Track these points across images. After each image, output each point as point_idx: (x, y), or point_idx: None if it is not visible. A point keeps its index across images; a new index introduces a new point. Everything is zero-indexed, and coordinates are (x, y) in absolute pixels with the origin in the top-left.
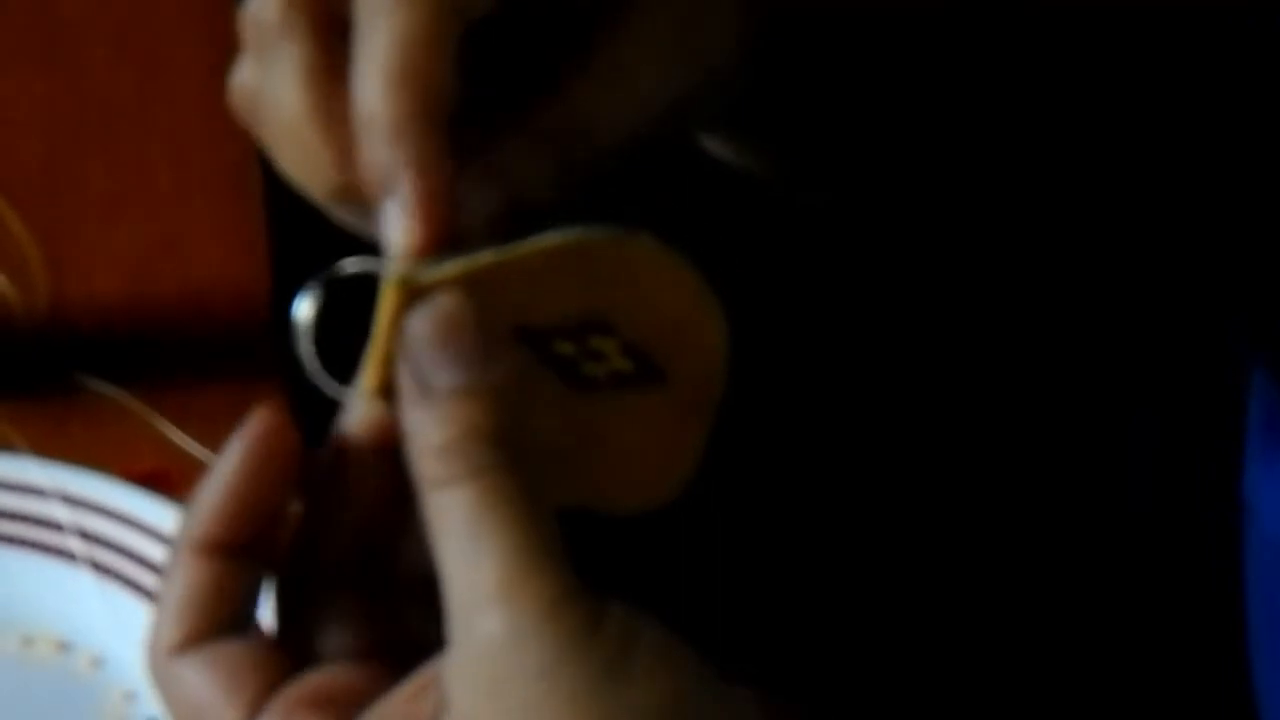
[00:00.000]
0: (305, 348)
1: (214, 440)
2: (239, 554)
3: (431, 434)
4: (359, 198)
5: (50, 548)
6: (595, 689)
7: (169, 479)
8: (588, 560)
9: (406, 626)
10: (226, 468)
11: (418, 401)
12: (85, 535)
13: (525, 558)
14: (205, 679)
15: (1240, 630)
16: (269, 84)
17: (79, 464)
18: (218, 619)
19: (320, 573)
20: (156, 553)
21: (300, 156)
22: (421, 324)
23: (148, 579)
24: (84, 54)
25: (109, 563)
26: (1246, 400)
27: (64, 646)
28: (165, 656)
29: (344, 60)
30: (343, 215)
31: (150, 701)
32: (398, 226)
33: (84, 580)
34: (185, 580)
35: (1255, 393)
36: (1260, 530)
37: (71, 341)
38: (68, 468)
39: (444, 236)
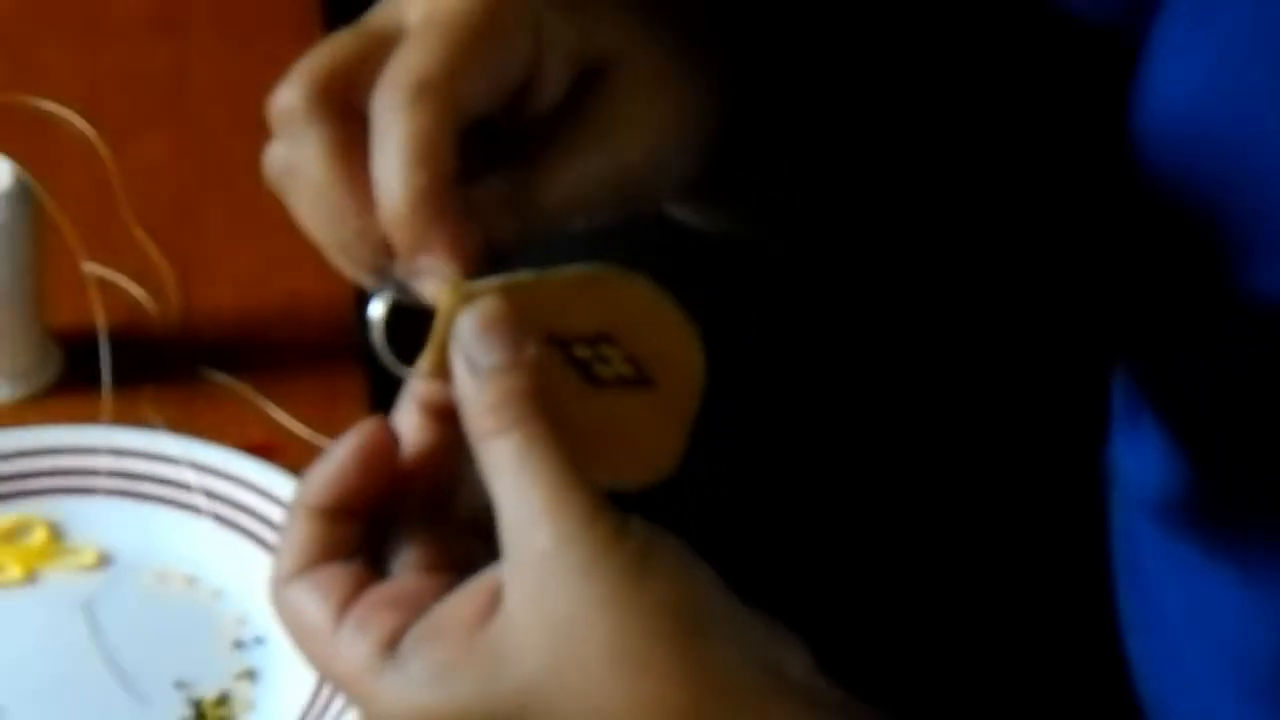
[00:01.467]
0: (378, 338)
1: (310, 418)
2: (340, 515)
3: (481, 398)
4: (373, 242)
5: (181, 504)
6: (625, 583)
7: (274, 450)
8: None
9: (464, 550)
10: (339, 450)
11: (468, 376)
12: (208, 494)
13: (564, 483)
14: (305, 593)
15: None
16: (297, 159)
17: (204, 438)
18: (321, 559)
19: (397, 510)
20: (265, 507)
21: (325, 216)
22: (470, 319)
23: (258, 527)
24: (209, 116)
25: (227, 515)
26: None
27: (191, 581)
28: (279, 586)
29: (357, 137)
30: (353, 264)
31: (258, 624)
32: (436, 267)
33: (208, 529)
34: (296, 532)
35: (1115, 381)
36: (1123, 492)
37: (198, 342)
38: (195, 441)
39: (470, 269)
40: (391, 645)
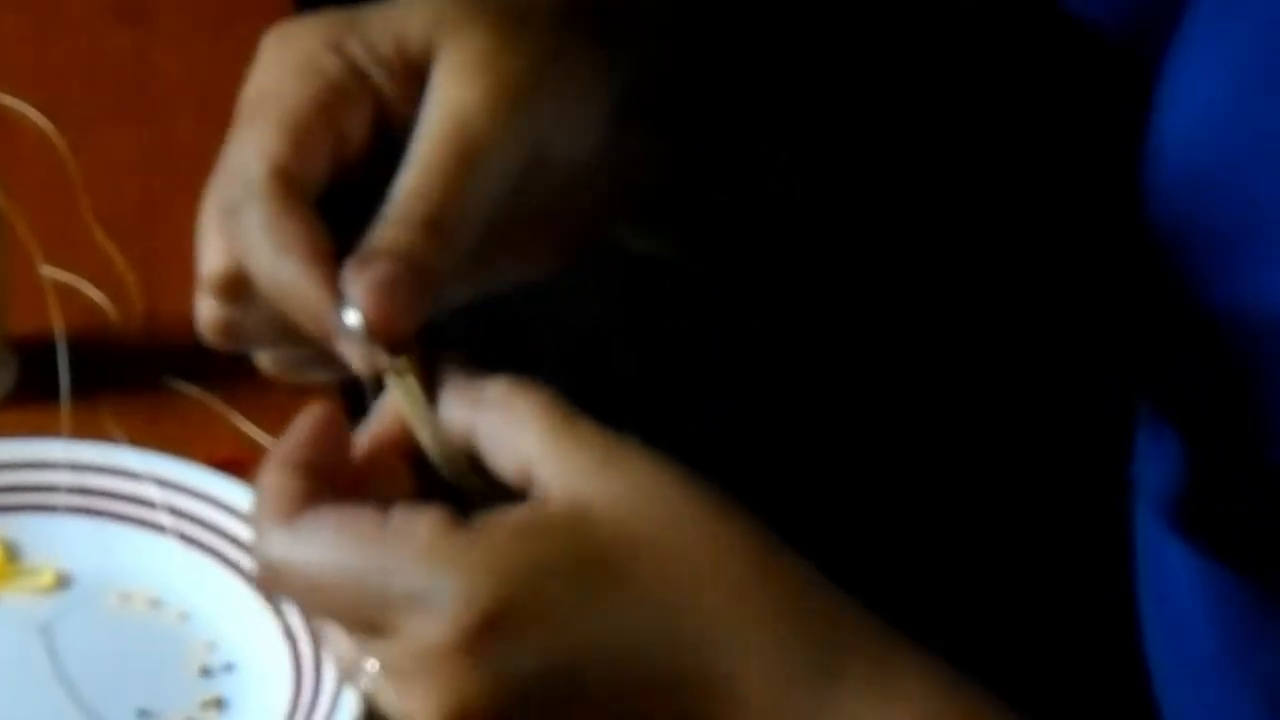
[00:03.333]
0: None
1: (280, 431)
2: (321, 473)
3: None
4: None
5: (145, 522)
6: (686, 475)
7: (243, 464)
8: None
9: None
10: (302, 421)
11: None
12: (174, 511)
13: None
14: (327, 516)
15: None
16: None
17: (168, 452)
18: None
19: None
20: (234, 525)
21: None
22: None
23: (226, 547)
24: (175, 110)
25: (193, 534)
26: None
27: (156, 603)
28: (272, 531)
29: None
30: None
31: (227, 649)
32: (352, 349)
33: (173, 548)
34: (278, 483)
35: (1139, 391)
36: (1146, 505)
37: (162, 350)
38: (159, 455)
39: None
40: (456, 524)
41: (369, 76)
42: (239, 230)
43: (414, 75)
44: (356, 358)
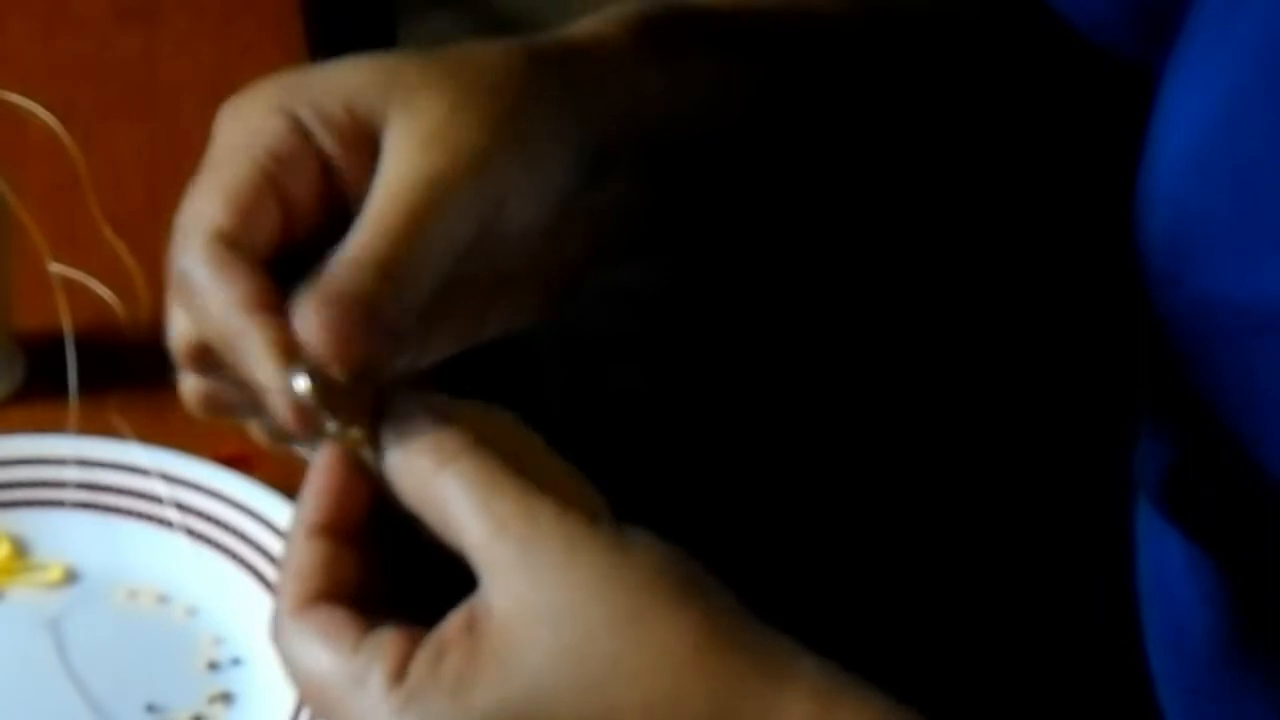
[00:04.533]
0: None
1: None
2: (338, 537)
3: (424, 442)
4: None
5: (152, 517)
6: (608, 558)
7: (249, 460)
8: None
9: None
10: (321, 470)
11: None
12: (181, 507)
13: (526, 489)
14: (315, 637)
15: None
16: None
17: (175, 448)
18: (324, 588)
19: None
20: (241, 521)
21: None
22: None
23: (233, 542)
24: (180, 108)
25: (200, 529)
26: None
27: (163, 598)
28: (285, 617)
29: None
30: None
31: (234, 644)
32: (280, 403)
33: (180, 544)
34: (297, 556)
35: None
36: (1143, 493)
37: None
38: (166, 451)
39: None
40: (398, 680)
41: (314, 138)
42: (191, 296)
43: (362, 138)
44: (289, 417)
